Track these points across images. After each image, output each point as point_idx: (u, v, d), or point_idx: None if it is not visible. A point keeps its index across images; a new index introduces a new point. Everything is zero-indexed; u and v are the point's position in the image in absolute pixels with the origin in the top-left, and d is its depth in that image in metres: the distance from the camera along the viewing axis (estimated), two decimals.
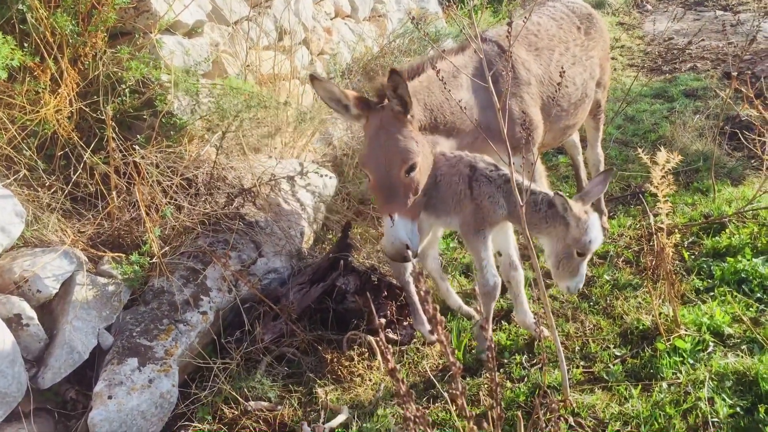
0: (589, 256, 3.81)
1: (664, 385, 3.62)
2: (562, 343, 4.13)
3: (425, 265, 4.42)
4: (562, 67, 4.41)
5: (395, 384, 1.81)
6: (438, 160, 3.98)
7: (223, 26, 5.58)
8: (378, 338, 4.17)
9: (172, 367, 3.63)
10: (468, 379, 3.91)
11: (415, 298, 4.16)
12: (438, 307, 1.90)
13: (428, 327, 4.10)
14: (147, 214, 4.22)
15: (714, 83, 9.13)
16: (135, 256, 3.96)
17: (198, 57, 5.02)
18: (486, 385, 3.83)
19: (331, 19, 7.96)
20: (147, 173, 4.37)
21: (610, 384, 3.71)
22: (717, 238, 5.05)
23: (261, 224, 4.74)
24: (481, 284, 3.90)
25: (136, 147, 4.44)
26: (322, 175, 4.42)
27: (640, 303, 4.44)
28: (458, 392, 1.99)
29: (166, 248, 4.26)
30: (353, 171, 6.44)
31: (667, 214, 3.99)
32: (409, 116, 3.73)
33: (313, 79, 3.79)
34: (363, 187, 6.21)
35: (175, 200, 4.45)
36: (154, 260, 4.04)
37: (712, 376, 3.61)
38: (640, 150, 4.16)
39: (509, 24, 3.13)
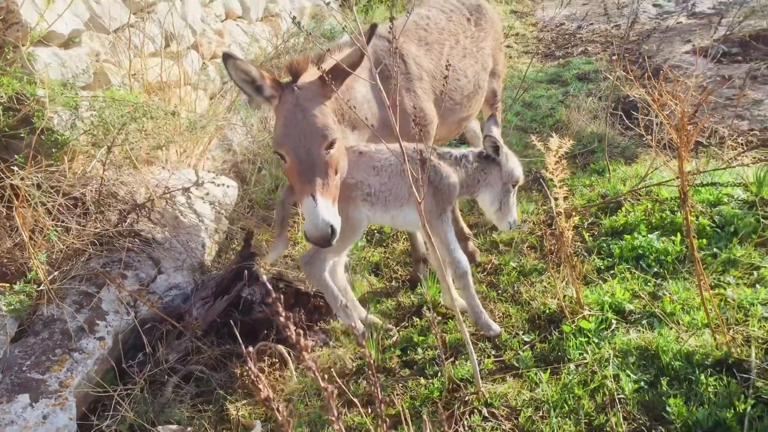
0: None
1: (572, 366, 3.69)
2: (473, 334, 4.15)
3: (326, 267, 4.30)
4: (448, 61, 4.41)
5: (273, 414, 1.71)
6: (367, 151, 3.94)
7: (103, 35, 5.31)
8: (287, 347, 4.08)
9: (68, 400, 3.42)
10: (384, 378, 3.86)
11: (336, 293, 4.03)
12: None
13: (355, 318, 4.03)
14: (31, 238, 3.96)
15: (603, 66, 9.46)
16: (19, 285, 3.71)
17: (76, 69, 4.76)
18: (400, 385, 3.81)
19: (222, 21, 7.74)
20: (28, 195, 4.10)
21: (520, 371, 3.75)
22: (614, 216, 5.21)
23: (159, 240, 4.55)
24: (454, 267, 3.93)
25: (14, 168, 4.16)
26: (218, 185, 4.26)
27: (545, 287, 4.52)
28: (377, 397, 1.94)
29: (55, 273, 4.01)
30: (255, 176, 6.30)
31: (564, 198, 4.06)
32: (332, 95, 3.64)
33: (228, 57, 3.54)
34: (266, 192, 6.09)
35: (63, 222, 4.19)
36: (42, 287, 3.80)
37: (617, 353, 3.70)
38: (533, 137, 4.21)
39: (391, 20, 3.08)
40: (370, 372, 1.96)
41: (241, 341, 4.15)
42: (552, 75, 9.58)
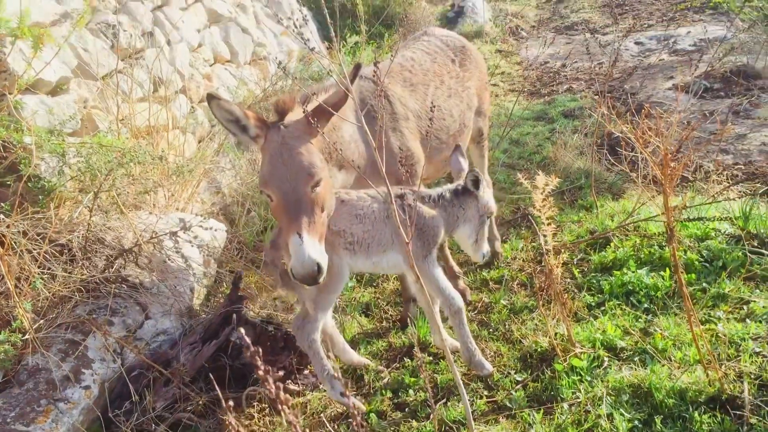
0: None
1: (565, 406, 3.65)
2: (465, 374, 4.12)
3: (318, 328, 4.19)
4: (432, 102, 4.45)
5: None
6: (349, 200, 3.93)
7: (91, 81, 5.34)
8: (276, 391, 4.02)
9: None
10: (375, 422, 3.80)
11: (325, 362, 3.88)
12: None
13: (340, 390, 3.90)
14: (16, 286, 3.92)
15: (588, 102, 9.58)
16: (4, 335, 3.65)
17: (63, 115, 4.77)
18: (392, 429, 3.75)
19: (211, 66, 7.82)
20: (14, 243, 4.07)
21: (513, 411, 3.70)
22: (603, 252, 5.21)
23: (146, 285, 4.51)
24: (448, 306, 3.88)
25: (0, 216, 4.14)
26: (206, 228, 4.25)
27: (536, 325, 4.50)
28: None
29: (41, 321, 3.96)
30: (245, 218, 6.29)
31: (553, 235, 4.07)
32: (317, 134, 3.64)
33: (211, 98, 3.56)
34: (256, 234, 6.07)
35: (49, 269, 4.16)
36: (26, 336, 3.75)
37: (610, 391, 3.67)
38: (520, 175, 4.24)
39: (376, 64, 3.12)
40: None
41: (225, 389, 4.13)
42: (538, 112, 9.68)
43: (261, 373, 1.85)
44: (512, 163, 8.01)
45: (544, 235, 4.00)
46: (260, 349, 3.97)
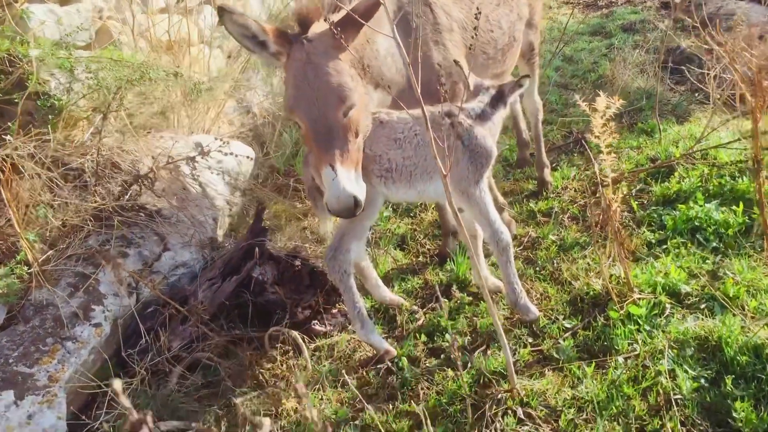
0: None
1: (620, 359, 3.24)
2: (508, 318, 3.74)
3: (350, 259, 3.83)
4: (477, 8, 3.89)
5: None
6: (388, 121, 3.51)
7: None
8: (302, 333, 3.72)
9: (57, 396, 3.11)
10: (408, 370, 3.47)
11: (357, 299, 3.53)
12: None
13: (377, 336, 3.59)
14: (24, 215, 3.64)
15: (652, 15, 8.76)
16: (6, 267, 3.38)
17: (73, 25, 4.36)
18: (425, 377, 3.42)
19: None
20: (21, 167, 3.77)
21: (561, 363, 3.32)
22: (666, 183, 4.68)
23: (165, 214, 4.19)
24: (496, 241, 3.51)
25: (8, 137, 3.82)
26: (226, 154, 3.86)
27: (589, 264, 4.05)
28: None
29: (50, 252, 3.69)
30: (276, 141, 5.89)
31: (611, 167, 3.58)
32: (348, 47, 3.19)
33: (223, 11, 3.09)
34: (287, 158, 5.69)
35: (56, 196, 3.85)
36: (32, 269, 3.48)
37: (672, 344, 3.25)
38: (578, 96, 3.72)
39: None
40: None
41: (247, 327, 3.84)
42: (595, 26, 8.93)
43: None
44: (565, 83, 7.38)
45: (601, 166, 3.51)
46: (282, 289, 3.67)
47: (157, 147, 4.39)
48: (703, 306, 3.50)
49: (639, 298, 3.54)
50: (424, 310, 3.97)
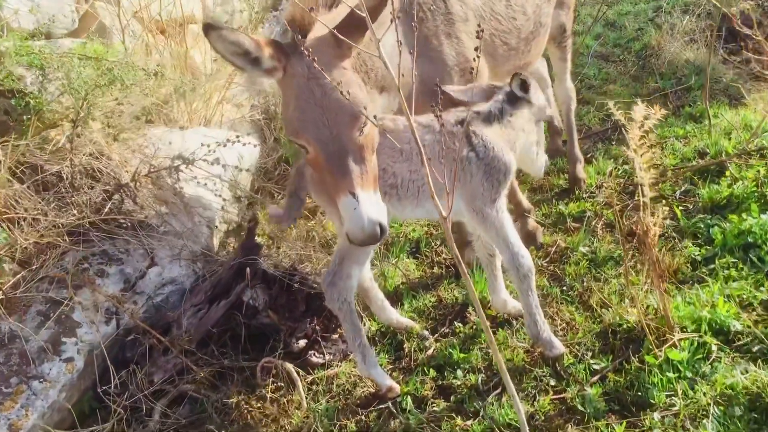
0: None
1: (656, 416, 2.79)
2: (527, 352, 3.31)
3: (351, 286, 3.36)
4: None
5: None
6: (393, 130, 3.06)
7: None
8: (296, 365, 3.35)
9: None
10: (413, 415, 3.09)
11: (359, 327, 3.16)
12: None
13: (380, 371, 3.21)
14: None
15: None
16: None
17: (52, 13, 3.95)
18: (431, 424, 3.02)
19: None
20: None
21: (587, 418, 2.88)
22: (715, 185, 4.12)
23: (153, 223, 3.81)
24: (515, 267, 3.11)
25: None
26: (211, 163, 3.41)
27: (623, 285, 3.56)
28: None
29: (22, 274, 3.36)
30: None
31: (650, 162, 3.06)
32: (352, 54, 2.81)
33: (210, 28, 2.64)
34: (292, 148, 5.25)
35: (30, 209, 3.50)
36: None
37: (717, 398, 2.79)
38: (611, 104, 3.19)
39: None
40: None
41: (239, 354, 3.48)
42: None
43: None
44: (605, 53, 6.75)
45: (641, 184, 3.00)
46: (276, 315, 3.28)
47: (146, 146, 3.98)
48: (756, 349, 3.00)
49: (680, 339, 3.05)
50: (436, 336, 3.56)
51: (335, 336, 3.58)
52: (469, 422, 2.99)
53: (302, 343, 3.43)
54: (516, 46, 3.66)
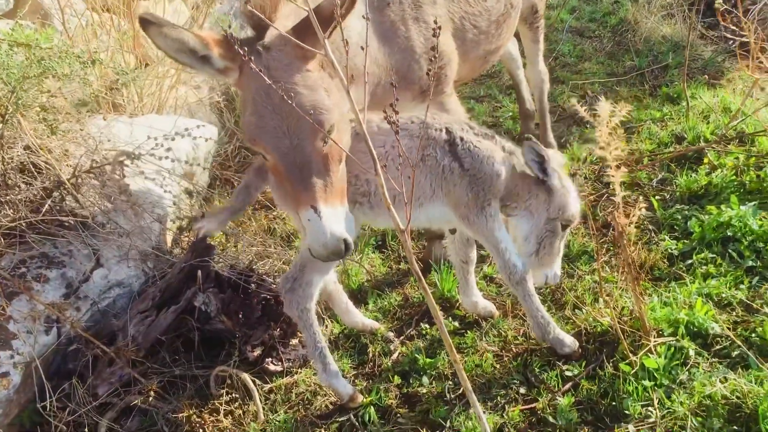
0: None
1: (631, 428, 2.64)
2: (497, 356, 3.14)
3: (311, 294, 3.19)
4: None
5: None
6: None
7: None
8: (252, 374, 3.14)
9: None
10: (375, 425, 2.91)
11: (318, 338, 2.96)
12: None
13: (341, 380, 3.02)
14: None
15: None
16: None
17: None
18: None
19: None
20: None
21: (557, 429, 2.72)
22: (693, 174, 3.95)
23: (99, 220, 3.55)
24: (508, 274, 2.97)
25: None
26: (161, 157, 3.15)
27: (596, 285, 3.39)
28: None
29: None
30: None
31: (626, 146, 2.89)
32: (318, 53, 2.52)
33: (147, 23, 2.39)
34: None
35: None
36: None
37: (695, 408, 2.64)
38: (574, 101, 3.00)
39: None
40: None
41: (192, 362, 3.27)
42: None
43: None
44: (581, 28, 6.53)
45: (612, 187, 2.82)
46: (230, 321, 3.07)
47: (89, 138, 3.69)
48: (735, 354, 2.86)
49: (656, 343, 2.89)
50: (401, 338, 3.38)
51: (294, 341, 3.38)
52: None
53: (258, 351, 3.22)
54: (486, 29, 3.42)
